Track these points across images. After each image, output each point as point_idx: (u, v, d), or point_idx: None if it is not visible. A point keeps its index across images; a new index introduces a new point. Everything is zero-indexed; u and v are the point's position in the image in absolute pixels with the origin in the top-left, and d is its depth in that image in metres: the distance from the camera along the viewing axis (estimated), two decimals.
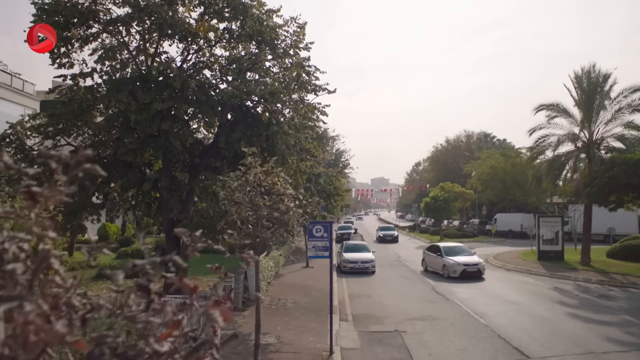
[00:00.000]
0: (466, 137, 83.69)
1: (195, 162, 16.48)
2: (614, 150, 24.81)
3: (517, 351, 11.46)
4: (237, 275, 15.05)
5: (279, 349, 10.92)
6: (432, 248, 26.12)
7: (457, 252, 24.10)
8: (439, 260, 23.83)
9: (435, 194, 46.57)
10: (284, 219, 6.71)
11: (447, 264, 23.01)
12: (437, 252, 24.62)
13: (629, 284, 20.47)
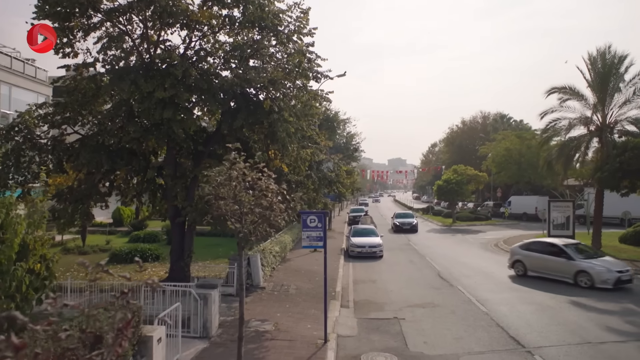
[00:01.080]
0: (482, 118, 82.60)
1: (199, 149, 16.63)
2: (628, 134, 24.27)
3: (513, 340, 11.50)
4: (239, 262, 15.20)
5: (275, 336, 11.12)
6: (541, 245, 19.66)
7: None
8: (565, 264, 17.90)
9: (447, 177, 46.24)
10: (267, 214, 6.79)
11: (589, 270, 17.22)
12: (559, 253, 18.34)
13: (637, 270, 20.22)
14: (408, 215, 40.89)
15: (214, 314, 11.14)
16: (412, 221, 38.99)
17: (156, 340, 7.81)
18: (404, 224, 38.16)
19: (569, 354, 10.51)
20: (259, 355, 9.82)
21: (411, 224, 38.39)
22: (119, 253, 21.78)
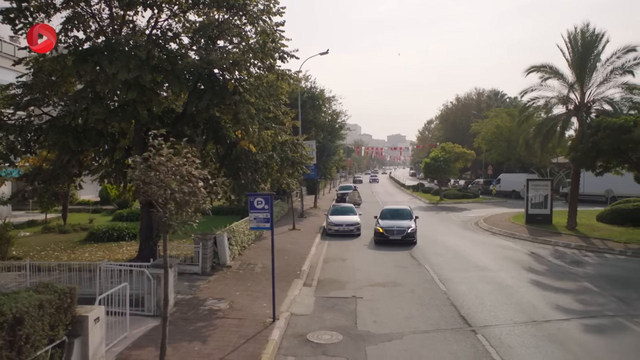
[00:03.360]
0: (477, 95, 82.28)
1: (166, 130, 16.71)
2: (605, 113, 24.29)
3: (462, 319, 11.79)
4: (205, 241, 15.50)
5: (227, 314, 11.42)
6: None
7: None
8: None
9: (435, 154, 46.33)
10: (189, 199, 6.95)
11: None
12: None
13: (605, 249, 20.53)
14: (401, 214, 24.27)
15: (168, 293, 11.38)
16: (407, 226, 22.59)
17: (92, 320, 8.05)
18: (393, 231, 22.28)
19: (510, 333, 10.79)
20: (205, 333, 10.11)
21: (404, 231, 22.20)
22: (97, 232, 22.09)
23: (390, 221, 23.19)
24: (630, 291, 14.22)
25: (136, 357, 8.86)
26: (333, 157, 39.81)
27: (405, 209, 25.47)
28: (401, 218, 23.64)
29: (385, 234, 22.26)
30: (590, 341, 10.32)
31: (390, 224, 22.71)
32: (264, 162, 16.16)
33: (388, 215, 24.21)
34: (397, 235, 22.00)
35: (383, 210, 25.24)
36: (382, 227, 22.56)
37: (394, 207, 26.99)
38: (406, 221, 23.10)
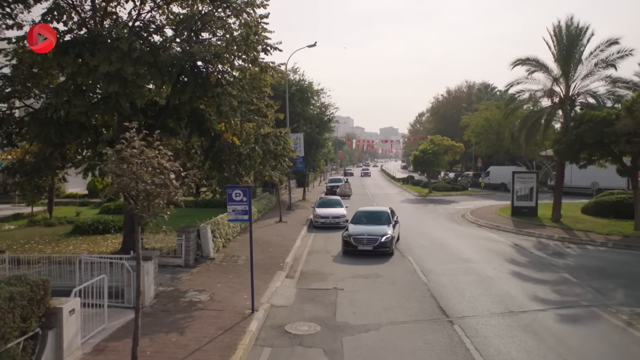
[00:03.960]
0: (467, 88, 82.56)
1: (150, 122, 16.70)
2: (589, 106, 24.49)
3: (440, 310, 11.93)
4: (188, 234, 15.53)
5: (207, 306, 11.49)
6: None
7: None
8: None
9: (424, 147, 46.50)
10: (160, 191, 6.99)
11: None
12: None
13: (588, 241, 20.78)
14: (378, 218, 20.17)
15: (147, 285, 11.44)
16: (381, 233, 18.37)
17: (67, 312, 8.09)
18: (362, 240, 18.16)
19: (487, 324, 10.94)
20: (183, 325, 10.18)
21: (376, 240, 18.06)
22: (82, 225, 22.03)
23: (362, 227, 19.06)
24: (607, 282, 14.45)
25: (113, 348, 8.91)
26: (321, 149, 39.88)
27: (383, 211, 21.20)
28: (377, 222, 19.53)
29: (353, 243, 18.15)
30: (563, 330, 10.49)
31: (360, 231, 18.57)
32: (247, 155, 16.20)
33: (363, 219, 20.25)
34: (368, 245, 17.96)
35: (357, 213, 21.14)
36: (351, 235, 18.41)
37: (370, 208, 22.89)
38: (382, 227, 18.91)
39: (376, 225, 19.12)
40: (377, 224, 19.28)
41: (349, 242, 18.32)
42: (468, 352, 9.32)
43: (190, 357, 8.53)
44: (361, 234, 18.35)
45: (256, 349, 9.46)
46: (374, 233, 18.27)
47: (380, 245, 17.96)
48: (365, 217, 20.51)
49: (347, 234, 18.69)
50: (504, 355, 9.14)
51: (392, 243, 18.59)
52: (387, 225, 19.21)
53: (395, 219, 20.79)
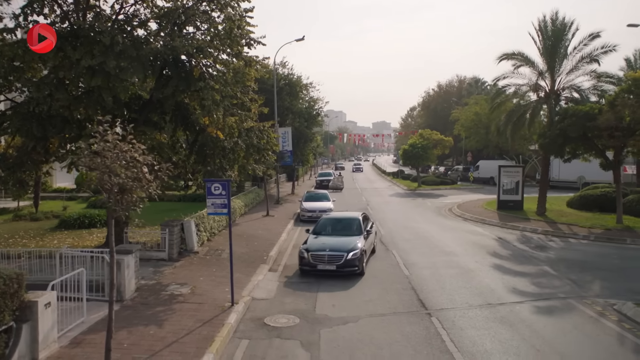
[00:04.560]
0: (458, 82, 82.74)
1: (133, 117, 16.66)
2: (573, 101, 24.72)
3: (419, 303, 12.07)
4: (171, 228, 15.57)
5: (187, 299, 11.55)
6: None
7: None
8: None
9: (413, 141, 46.66)
10: (133, 184, 7.03)
11: None
12: None
13: (570, 234, 21.04)
14: (347, 227, 16.38)
15: (127, 278, 11.49)
16: (348, 248, 14.45)
17: (43, 305, 8.13)
18: (323, 257, 14.34)
19: (464, 316, 11.09)
20: (162, 318, 10.24)
21: (340, 257, 14.17)
22: (68, 219, 21.98)
23: (325, 239, 15.26)
24: (586, 274, 14.67)
25: (90, 340, 8.96)
26: (310, 143, 39.91)
27: (353, 218, 16.89)
28: (345, 232, 15.77)
29: (311, 262, 14.25)
30: (538, 322, 10.66)
31: (321, 245, 14.69)
32: (231, 149, 16.24)
33: (327, 228, 16.45)
34: (330, 264, 14.01)
35: (321, 220, 17.28)
36: (309, 250, 14.52)
37: (337, 214, 18.87)
38: (350, 239, 14.98)
39: (343, 237, 15.26)
40: (345, 235, 15.48)
41: (306, 260, 14.34)
42: (443, 343, 9.47)
43: (166, 349, 8.60)
44: (321, 249, 14.40)
45: (234, 341, 9.55)
46: (339, 248, 14.33)
47: (346, 264, 13.96)
48: (330, 225, 16.64)
49: (304, 247, 14.74)
50: (478, 347, 9.29)
51: (363, 260, 14.51)
52: (357, 237, 15.29)
53: (369, 226, 16.93)
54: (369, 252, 16.05)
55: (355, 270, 14.19)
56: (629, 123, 19.60)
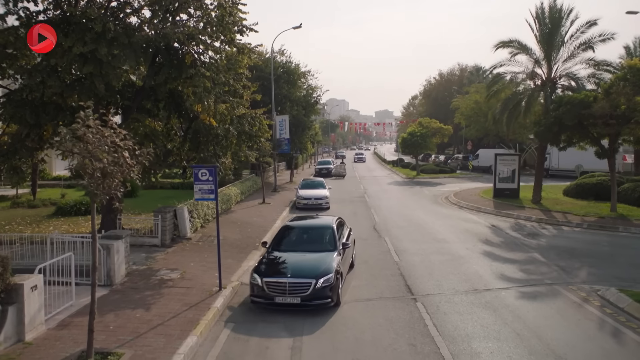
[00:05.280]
0: (459, 71, 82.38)
1: (126, 104, 16.75)
2: (570, 89, 24.66)
3: (406, 288, 12.20)
4: (164, 214, 15.71)
5: (176, 284, 11.71)
6: None
7: None
8: None
9: (412, 130, 46.62)
10: (113, 169, 7.13)
11: None
12: None
13: (564, 222, 21.10)
14: (316, 238, 12.61)
15: (117, 263, 11.64)
16: (316, 273, 10.46)
17: (29, 288, 8.28)
18: (282, 285, 10.29)
19: (450, 301, 11.22)
20: (150, 302, 10.40)
21: (307, 285, 10.25)
22: (65, 206, 22.17)
23: (288, 257, 11.43)
24: (574, 261, 14.77)
25: (77, 323, 9.12)
26: (308, 131, 39.92)
27: (326, 226, 12.87)
28: (314, 247, 11.90)
29: (267, 292, 10.28)
30: (522, 307, 10.78)
31: (280, 268, 10.94)
32: (223, 136, 16.32)
33: (291, 241, 12.51)
34: (292, 297, 10.17)
35: (283, 229, 13.28)
36: (263, 274, 10.55)
37: (306, 222, 14.19)
38: (321, 257, 11.22)
39: (312, 254, 11.48)
40: (314, 250, 11.69)
41: (259, 289, 10.33)
42: (426, 327, 9.60)
43: (151, 332, 8.77)
44: (281, 274, 10.55)
45: (219, 324, 9.71)
46: (305, 272, 10.51)
47: (314, 295, 10.12)
48: (295, 236, 12.80)
49: (256, 271, 10.69)
50: (459, 331, 9.42)
51: (339, 285, 10.75)
52: (330, 254, 11.41)
53: (346, 236, 13.11)
54: (346, 272, 12.28)
55: (328, 302, 10.28)
56: (624, 111, 19.56)
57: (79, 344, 8.04)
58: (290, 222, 14.18)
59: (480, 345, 8.77)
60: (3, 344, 7.91)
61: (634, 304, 10.40)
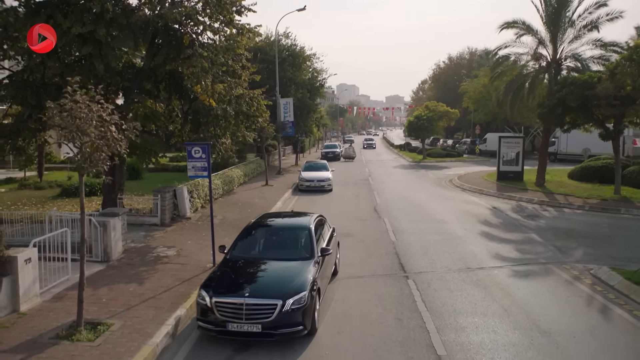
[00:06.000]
0: (469, 55, 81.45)
1: (126, 85, 16.86)
2: (575, 70, 24.35)
3: (400, 266, 12.30)
4: (163, 194, 15.90)
5: (172, 260, 11.91)
6: None
7: None
8: None
9: (419, 113, 46.36)
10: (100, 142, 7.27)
11: None
12: None
13: (565, 204, 21.02)
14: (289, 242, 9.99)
15: (114, 240, 11.85)
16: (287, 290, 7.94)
17: (23, 261, 8.50)
18: (237, 308, 7.67)
19: (441, 279, 11.30)
20: (144, 277, 10.61)
21: (270, 310, 7.65)
22: (70, 188, 22.50)
23: (251, 265, 9.10)
24: (571, 241, 14.77)
25: (72, 296, 9.30)
26: (313, 114, 39.86)
27: (301, 227, 10.24)
28: (285, 254, 9.43)
29: (218, 317, 7.73)
30: (513, 285, 10.84)
31: (236, 283, 8.40)
32: (222, 116, 16.41)
33: (256, 244, 10.13)
34: (251, 323, 7.60)
35: (247, 228, 10.66)
36: (212, 293, 7.94)
37: (276, 221, 11.27)
38: (292, 268, 8.77)
39: (282, 262, 9.05)
40: (284, 259, 9.16)
41: (208, 311, 7.83)
42: (414, 303, 9.71)
43: (142, 304, 8.97)
44: (237, 290, 8.05)
45: None
46: (269, 290, 8.09)
47: (280, 321, 7.65)
48: (263, 239, 10.14)
49: (207, 285, 8.18)
50: (447, 307, 9.52)
51: (314, 306, 8.22)
52: (305, 263, 8.89)
53: (326, 239, 10.47)
54: (326, 286, 9.60)
55: (299, 330, 7.72)
56: (629, 92, 19.31)
57: (71, 315, 8.24)
58: (257, 220, 10.89)
59: (466, 320, 8.86)
60: None
61: (624, 281, 10.43)
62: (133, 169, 29.22)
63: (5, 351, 7.13)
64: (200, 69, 14.55)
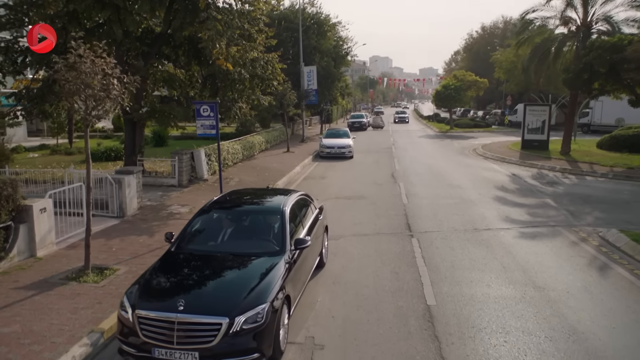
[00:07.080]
0: (503, 24, 78.74)
1: (145, 50, 17.22)
2: (605, 34, 23.38)
3: (406, 226, 12.43)
4: (180, 156, 16.36)
5: (183, 216, 12.36)
6: None
7: None
8: None
9: (446, 83, 45.48)
10: (103, 94, 7.61)
11: None
12: None
13: (589, 172, 20.55)
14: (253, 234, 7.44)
15: (129, 196, 12.37)
16: (236, 303, 5.62)
17: (38, 210, 9.03)
18: (165, 328, 5.45)
19: (446, 238, 11.39)
20: (155, 230, 11.10)
21: (207, 333, 5.42)
22: (96, 152, 23.34)
23: (198, 262, 6.66)
24: (586, 206, 14.53)
25: None
26: (337, 83, 39.65)
27: (271, 209, 7.81)
28: (244, 247, 7.01)
29: (142, 337, 5.52)
30: (516, 245, 10.83)
31: (171, 290, 6.06)
32: (238, 79, 16.63)
33: (210, 238, 7.40)
34: (184, 352, 5.35)
35: (202, 210, 7.95)
36: (137, 299, 5.79)
37: (245, 200, 8.73)
38: (251, 266, 6.47)
39: (240, 257, 6.73)
40: (244, 253, 6.82)
41: (130, 331, 5.64)
42: (414, 259, 9.87)
43: (149, 254, 9.42)
44: (169, 301, 5.75)
45: None
46: (212, 301, 5.81)
47: (224, 348, 5.42)
48: (220, 225, 7.65)
49: (129, 296, 5.88)
50: (446, 263, 9.64)
51: (276, 326, 5.81)
52: (271, 259, 6.60)
53: (309, 225, 8.31)
54: (302, 288, 7.44)
55: (254, 358, 5.52)
56: None
57: (82, 261, 8.71)
58: (218, 199, 8.40)
59: (462, 274, 8.98)
60: (17, 257, 8.75)
61: (630, 242, 10.30)
62: (159, 136, 30.01)
63: (20, 288, 7.69)
64: (215, 32, 14.73)
